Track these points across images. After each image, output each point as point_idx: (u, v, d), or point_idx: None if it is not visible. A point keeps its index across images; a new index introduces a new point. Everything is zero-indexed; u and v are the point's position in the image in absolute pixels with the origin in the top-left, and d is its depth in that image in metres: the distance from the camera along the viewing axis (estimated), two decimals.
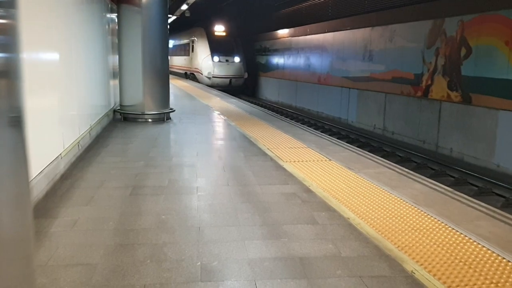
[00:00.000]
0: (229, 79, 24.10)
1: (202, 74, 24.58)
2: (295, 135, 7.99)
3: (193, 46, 26.23)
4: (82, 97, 6.70)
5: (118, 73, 9.84)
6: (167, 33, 10.05)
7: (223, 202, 4.31)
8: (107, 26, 9.26)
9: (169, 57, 10.62)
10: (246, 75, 24.68)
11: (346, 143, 7.42)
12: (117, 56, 9.75)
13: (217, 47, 24.12)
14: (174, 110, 10.22)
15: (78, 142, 6.15)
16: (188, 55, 27.47)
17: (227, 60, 24.19)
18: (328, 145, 7.21)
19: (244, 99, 18.45)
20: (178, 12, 20.35)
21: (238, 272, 2.91)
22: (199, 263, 3.03)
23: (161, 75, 9.74)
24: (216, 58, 23.93)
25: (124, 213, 4.00)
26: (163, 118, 9.71)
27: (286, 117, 14.79)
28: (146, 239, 3.42)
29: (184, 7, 18.67)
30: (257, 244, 3.34)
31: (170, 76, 11.60)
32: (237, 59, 24.41)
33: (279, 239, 3.43)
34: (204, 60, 24.35)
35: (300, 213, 4.05)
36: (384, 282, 2.80)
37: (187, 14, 19.38)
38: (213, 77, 23.78)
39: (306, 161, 6.04)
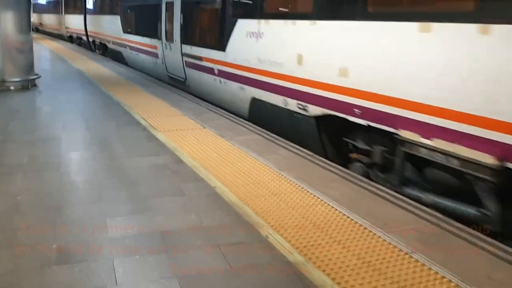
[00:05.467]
0: None
1: None
2: (172, 102, 7.90)
3: None
4: None
5: None
6: None
7: (87, 179, 4.16)
8: None
9: None
10: None
11: (223, 110, 7.51)
12: None
13: None
14: (40, 76, 9.42)
15: None
16: None
17: None
18: (204, 112, 7.26)
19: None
20: None
21: (96, 252, 2.87)
22: (55, 245, 2.93)
23: (23, 36, 8.83)
24: None
25: None
26: (27, 85, 8.90)
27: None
28: None
29: None
30: (119, 221, 3.31)
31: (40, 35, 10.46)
32: None
33: (142, 214, 3.44)
34: None
35: (168, 185, 4.08)
36: (241, 249, 2.98)
37: None
38: None
39: (181, 129, 6.03)
